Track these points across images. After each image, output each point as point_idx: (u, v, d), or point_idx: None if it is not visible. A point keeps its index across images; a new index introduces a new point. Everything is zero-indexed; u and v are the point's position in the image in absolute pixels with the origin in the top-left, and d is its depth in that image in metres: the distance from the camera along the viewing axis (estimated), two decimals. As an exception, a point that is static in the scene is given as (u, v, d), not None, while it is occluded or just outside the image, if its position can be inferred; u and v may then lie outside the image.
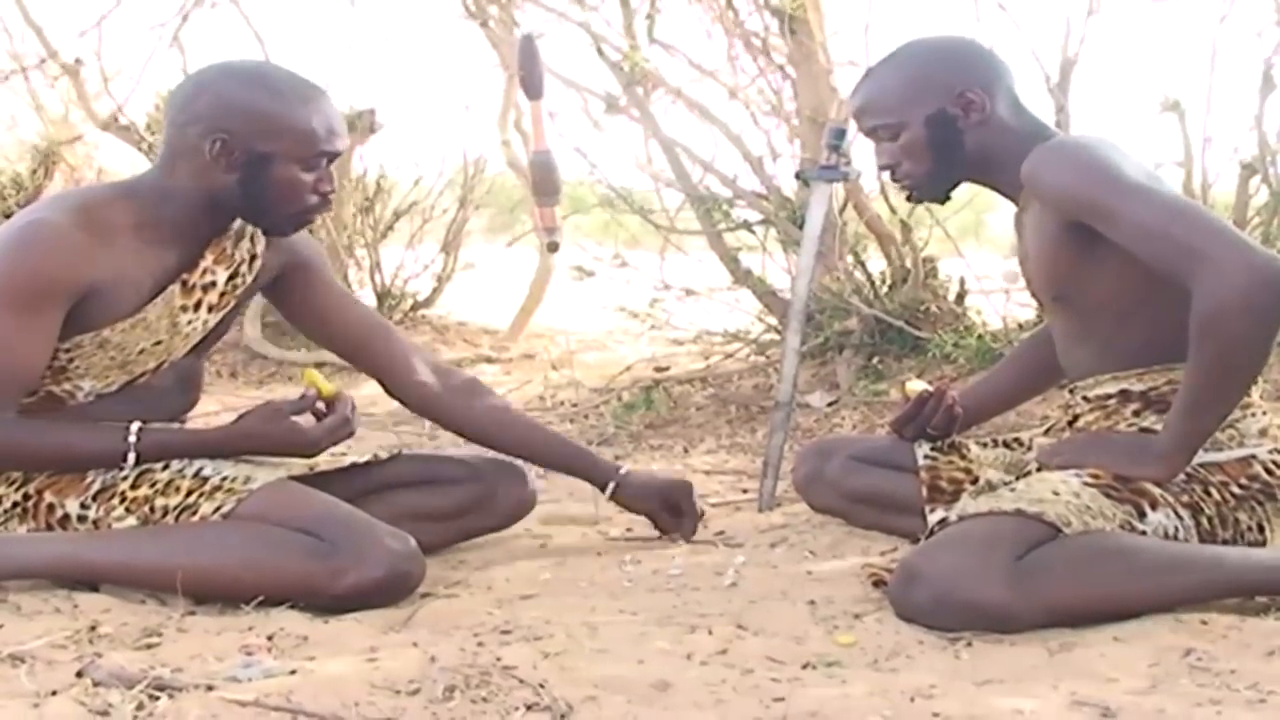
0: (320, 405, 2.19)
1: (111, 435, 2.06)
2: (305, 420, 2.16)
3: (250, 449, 2.14)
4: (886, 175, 2.32)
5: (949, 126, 2.18)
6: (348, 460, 2.30)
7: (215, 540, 2.00)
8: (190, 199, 2.10)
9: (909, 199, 2.37)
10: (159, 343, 2.13)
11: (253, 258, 2.23)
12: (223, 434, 2.15)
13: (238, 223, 2.19)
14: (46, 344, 2.03)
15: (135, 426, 2.06)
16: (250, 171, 2.07)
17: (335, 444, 2.20)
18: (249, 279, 2.24)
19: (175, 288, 2.13)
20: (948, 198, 2.29)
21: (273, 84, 2.08)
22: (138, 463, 2.06)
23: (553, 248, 2.63)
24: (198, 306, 2.16)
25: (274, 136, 2.06)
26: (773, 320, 4.20)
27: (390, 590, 2.01)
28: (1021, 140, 2.15)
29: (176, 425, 2.21)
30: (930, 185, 2.26)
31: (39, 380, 2.06)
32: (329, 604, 1.96)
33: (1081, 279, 2.14)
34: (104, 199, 2.11)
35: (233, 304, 2.23)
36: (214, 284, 2.18)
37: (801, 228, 3.08)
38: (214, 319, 2.21)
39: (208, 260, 2.16)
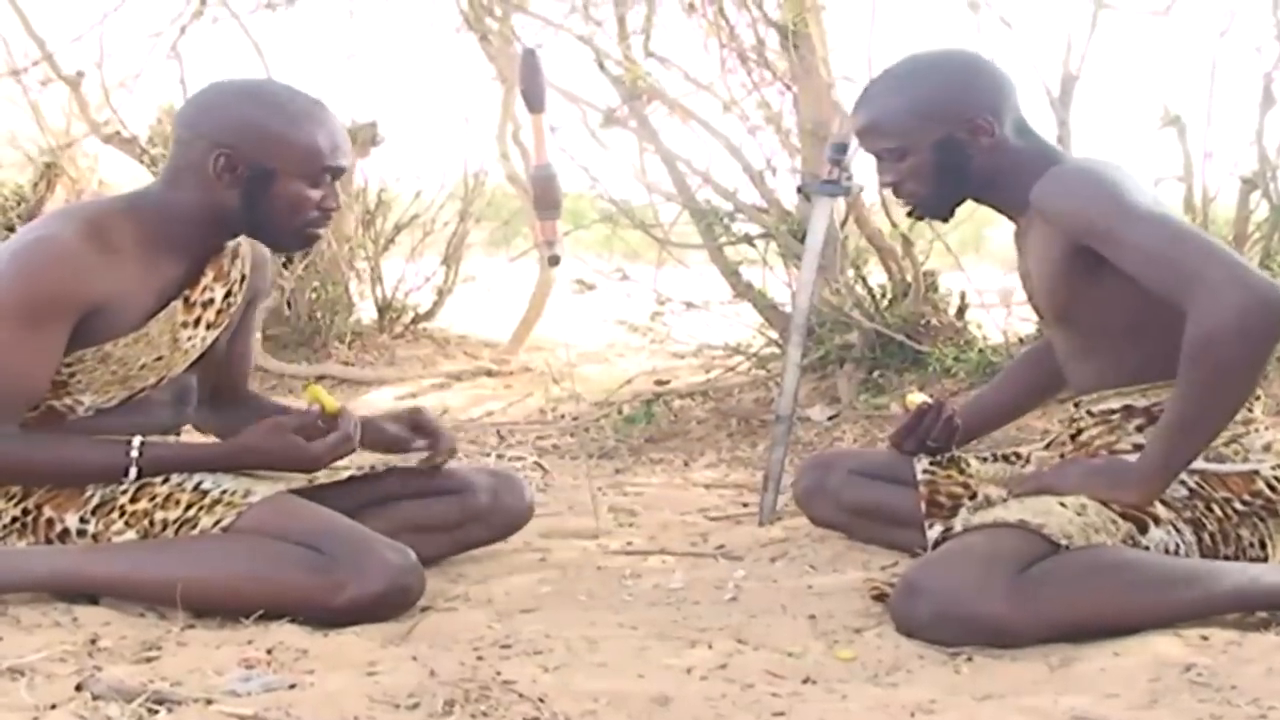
0: (321, 422, 2.19)
1: (113, 449, 2.06)
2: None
3: (252, 464, 2.14)
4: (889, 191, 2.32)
5: (958, 151, 2.17)
6: (345, 474, 2.29)
7: (215, 553, 2.00)
8: (194, 214, 2.11)
9: (910, 214, 2.38)
10: (160, 358, 2.13)
11: (242, 278, 2.24)
12: (224, 449, 2.15)
13: (232, 241, 2.19)
14: (52, 360, 2.03)
15: (137, 441, 2.06)
16: (253, 187, 2.07)
17: (337, 460, 2.20)
18: (238, 299, 2.24)
19: (178, 304, 2.13)
20: (951, 214, 2.29)
21: (276, 100, 2.09)
22: (139, 476, 2.06)
23: (553, 261, 2.63)
24: (198, 323, 2.17)
25: (277, 152, 2.06)
26: (774, 334, 4.20)
27: (390, 604, 2.00)
28: (1028, 161, 2.15)
29: (173, 439, 2.21)
30: (934, 204, 2.26)
31: (42, 395, 2.06)
32: (329, 617, 1.96)
33: (1085, 301, 2.14)
34: (110, 213, 2.10)
35: (226, 322, 2.24)
36: (212, 301, 2.18)
37: (802, 241, 3.08)
38: (211, 336, 2.21)
39: (208, 277, 2.17)
